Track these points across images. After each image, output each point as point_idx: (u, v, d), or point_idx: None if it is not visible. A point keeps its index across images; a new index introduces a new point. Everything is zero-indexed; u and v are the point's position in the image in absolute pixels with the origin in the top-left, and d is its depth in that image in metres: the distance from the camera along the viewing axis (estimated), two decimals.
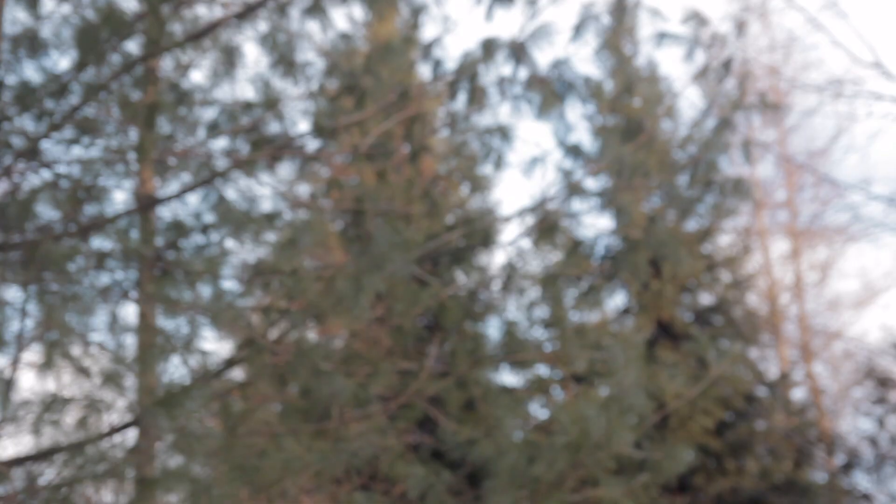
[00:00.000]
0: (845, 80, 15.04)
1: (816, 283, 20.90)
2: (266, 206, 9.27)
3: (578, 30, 11.22)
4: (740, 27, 13.58)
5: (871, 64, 13.68)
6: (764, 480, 16.87)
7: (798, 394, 19.98)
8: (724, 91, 13.48)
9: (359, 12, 11.35)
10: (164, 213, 9.05)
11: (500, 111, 10.25)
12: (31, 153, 8.00)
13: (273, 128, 9.02)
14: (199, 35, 8.36)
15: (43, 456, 7.88)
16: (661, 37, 13.69)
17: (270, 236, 9.12)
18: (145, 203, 8.82)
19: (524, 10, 9.82)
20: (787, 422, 18.05)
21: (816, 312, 20.76)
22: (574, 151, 15.34)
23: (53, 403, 7.88)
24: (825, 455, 18.33)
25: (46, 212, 8.14)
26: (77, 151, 8.45)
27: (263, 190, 9.19)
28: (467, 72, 9.67)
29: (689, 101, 22.79)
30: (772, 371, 19.47)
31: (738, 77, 13.18)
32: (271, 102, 8.85)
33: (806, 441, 18.05)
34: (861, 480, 18.52)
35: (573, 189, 10.74)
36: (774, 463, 17.37)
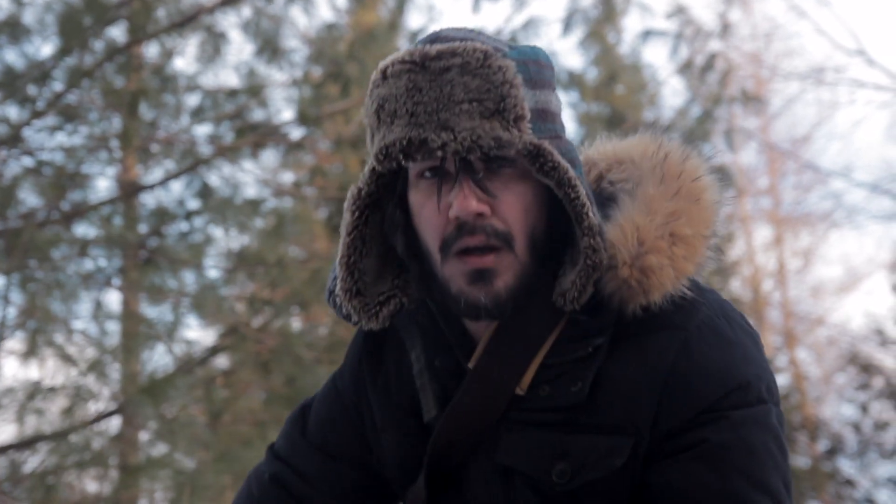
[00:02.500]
0: (827, 67, 15.08)
1: (799, 269, 20.93)
2: (250, 193, 9.27)
3: (567, 24, 11.23)
4: (725, 26, 13.59)
5: (854, 51, 13.71)
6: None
7: (781, 380, 20.02)
8: (708, 83, 13.51)
9: None
10: (148, 200, 9.04)
11: None
12: (14, 140, 7.97)
13: (257, 115, 9.00)
14: (184, 21, 8.34)
15: (27, 444, 7.87)
16: (647, 33, 13.70)
17: (255, 223, 9.12)
18: (129, 190, 8.80)
19: (511, 2, 9.82)
20: None
21: (800, 299, 20.79)
22: None
23: (37, 391, 7.87)
24: (809, 440, 18.39)
25: (29, 199, 8.11)
26: (60, 138, 8.42)
27: (247, 177, 9.18)
28: None
29: (673, 88, 22.79)
30: None
31: (720, 72, 13.21)
32: (255, 89, 8.82)
33: (789, 427, 18.10)
34: (844, 466, 18.58)
35: None
36: None
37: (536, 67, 1.80)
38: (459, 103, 1.70)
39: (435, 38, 1.79)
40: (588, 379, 1.77)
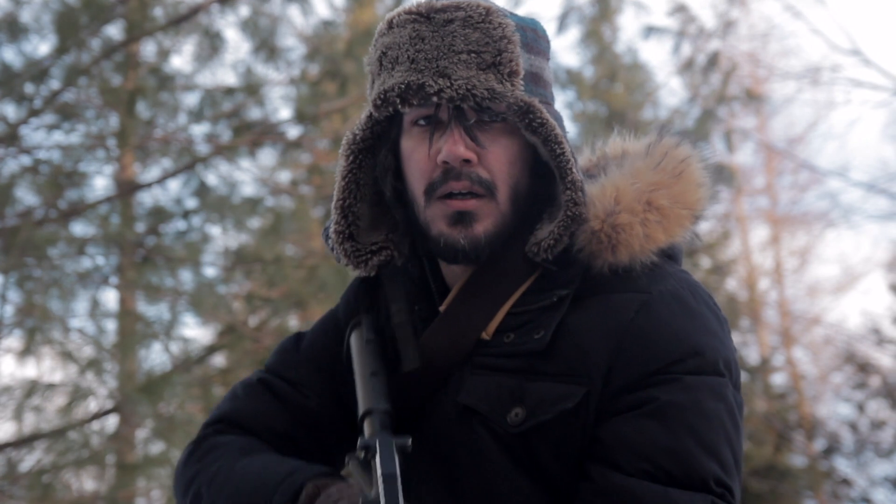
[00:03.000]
0: (823, 67, 15.06)
1: (796, 268, 20.91)
2: (247, 191, 9.26)
3: (563, 21, 11.22)
4: (726, 24, 13.58)
5: (850, 51, 13.68)
6: (744, 465, 16.90)
7: (778, 379, 20.00)
8: (710, 82, 13.49)
9: None
10: (145, 198, 9.04)
11: None
12: (11, 138, 7.97)
13: (254, 113, 9.00)
14: (181, 20, 8.34)
15: (24, 442, 7.87)
16: (649, 30, 13.68)
17: (252, 222, 9.11)
18: (126, 188, 8.79)
19: (506, 2, 9.80)
20: (768, 407, 18.09)
21: (796, 298, 20.75)
22: None
23: (34, 389, 7.87)
24: (805, 440, 18.38)
25: (27, 197, 8.11)
26: (57, 137, 8.43)
27: (244, 176, 9.17)
28: None
29: (670, 88, 22.80)
30: (752, 356, 19.47)
31: (722, 71, 13.19)
32: (253, 88, 8.82)
33: (786, 426, 18.09)
34: (841, 465, 18.59)
35: None
36: (755, 448, 17.40)
37: (534, 35, 1.94)
38: (459, 53, 1.82)
39: None
40: (550, 328, 1.85)
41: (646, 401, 1.79)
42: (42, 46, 8.92)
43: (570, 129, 2.04)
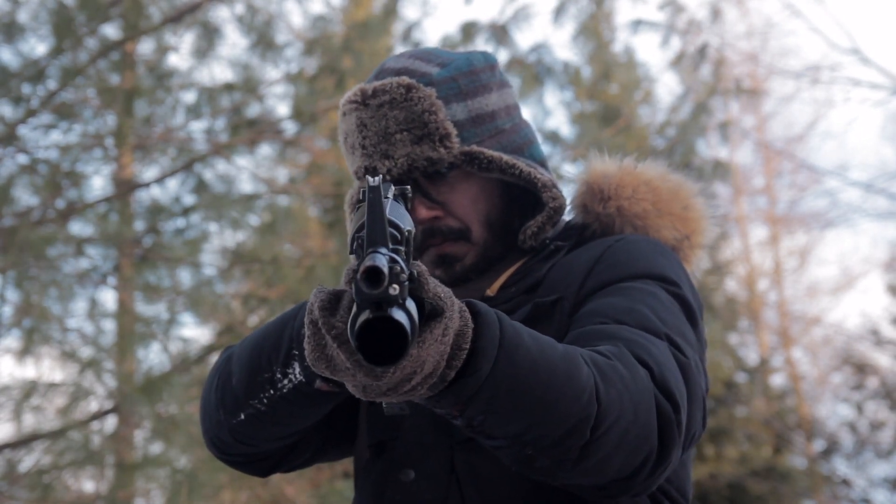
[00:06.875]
0: (823, 66, 15.08)
1: (795, 269, 20.93)
2: (245, 189, 9.24)
3: (558, 13, 11.22)
4: (715, 13, 13.63)
5: (849, 50, 13.71)
6: (743, 466, 16.90)
7: (777, 380, 20.01)
8: (700, 76, 13.52)
9: None
10: (143, 197, 9.03)
11: None
12: (9, 138, 7.97)
13: (252, 111, 8.99)
14: (177, 17, 8.34)
15: (23, 442, 7.86)
16: (638, 23, 13.71)
17: (250, 219, 9.11)
18: (124, 188, 8.79)
19: None
20: (767, 408, 18.09)
21: (795, 298, 20.75)
22: (552, 137, 15.37)
23: (33, 390, 7.87)
24: (804, 441, 18.39)
25: (25, 197, 8.12)
26: (55, 136, 8.43)
27: (242, 174, 9.17)
28: None
29: (667, 86, 22.80)
30: (751, 357, 19.50)
31: (713, 63, 13.23)
32: (251, 85, 8.81)
33: (785, 427, 18.10)
34: (840, 466, 18.60)
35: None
36: (754, 449, 17.41)
37: (468, 79, 2.16)
38: (393, 134, 2.08)
39: (379, 70, 2.18)
40: (546, 268, 2.08)
41: (611, 288, 1.97)
42: (39, 46, 8.93)
43: (568, 130, 2.16)
